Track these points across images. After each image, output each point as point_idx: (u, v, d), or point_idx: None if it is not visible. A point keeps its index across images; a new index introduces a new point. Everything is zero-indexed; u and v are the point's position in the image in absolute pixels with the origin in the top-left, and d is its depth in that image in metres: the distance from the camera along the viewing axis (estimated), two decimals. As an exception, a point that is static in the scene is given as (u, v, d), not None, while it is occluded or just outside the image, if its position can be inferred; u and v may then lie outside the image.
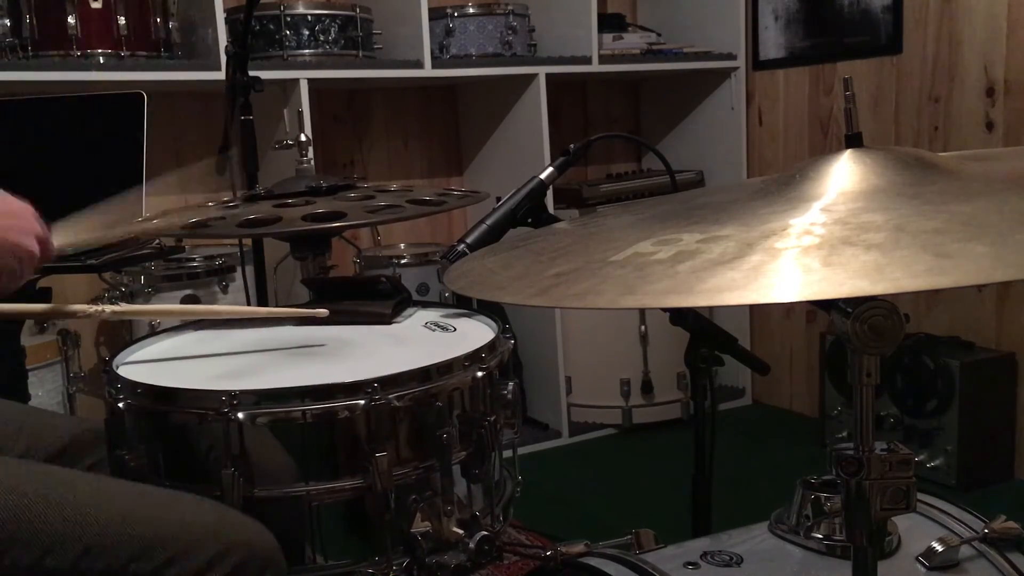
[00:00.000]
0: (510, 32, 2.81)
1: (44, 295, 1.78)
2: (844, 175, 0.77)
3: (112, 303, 2.11)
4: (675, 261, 0.68)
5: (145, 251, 1.88)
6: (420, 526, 1.04)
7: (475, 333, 1.23)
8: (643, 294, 0.66)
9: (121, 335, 2.47)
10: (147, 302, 2.37)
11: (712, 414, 1.25)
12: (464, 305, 1.48)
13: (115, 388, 1.09)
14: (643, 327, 2.96)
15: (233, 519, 0.94)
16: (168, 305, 2.28)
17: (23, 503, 0.86)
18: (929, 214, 0.68)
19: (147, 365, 1.19)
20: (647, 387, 3.00)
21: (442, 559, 1.04)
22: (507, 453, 1.21)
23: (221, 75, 2.19)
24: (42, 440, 1.13)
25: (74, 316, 1.24)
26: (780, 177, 0.83)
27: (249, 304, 2.29)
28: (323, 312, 1.26)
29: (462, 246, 1.24)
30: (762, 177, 0.98)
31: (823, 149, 2.92)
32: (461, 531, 1.07)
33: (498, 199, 1.32)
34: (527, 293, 0.74)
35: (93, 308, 1.08)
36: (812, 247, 0.65)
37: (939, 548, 0.97)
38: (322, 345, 1.23)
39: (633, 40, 3.08)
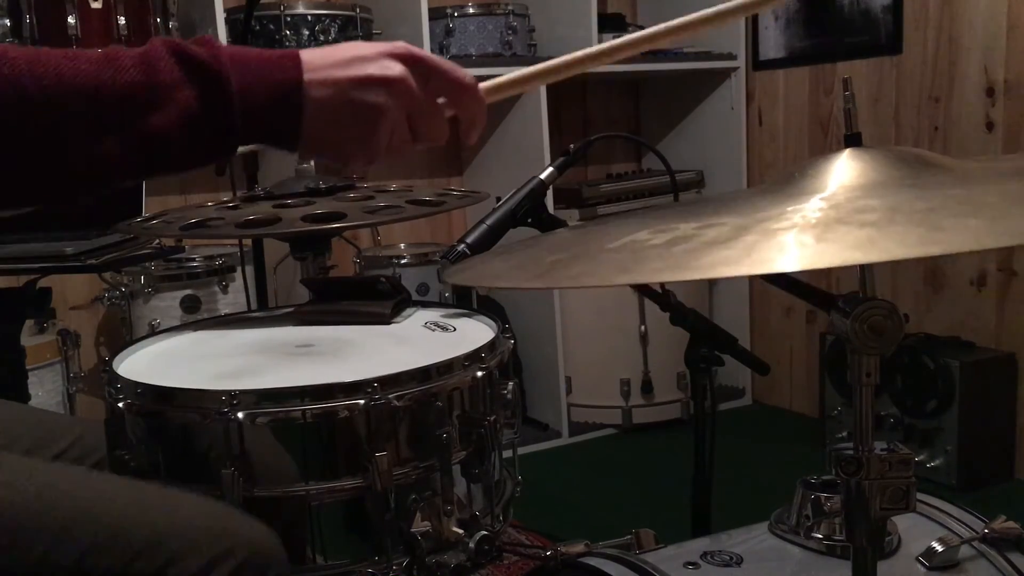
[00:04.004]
0: (510, 32, 2.81)
1: (44, 295, 1.77)
2: (844, 174, 0.77)
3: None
4: (671, 245, 0.68)
5: (145, 251, 1.88)
6: (420, 526, 1.04)
7: (475, 333, 1.23)
8: (637, 272, 0.65)
9: (121, 335, 2.47)
10: (147, 302, 2.37)
11: (712, 414, 1.25)
12: (464, 305, 1.48)
13: (115, 388, 1.08)
14: (643, 327, 2.96)
15: (236, 519, 0.94)
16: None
17: (27, 500, 0.85)
18: (925, 198, 0.67)
19: (147, 365, 1.19)
20: (647, 387, 2.99)
21: (442, 559, 1.04)
22: (507, 453, 1.21)
23: (221, 75, 2.19)
24: (46, 440, 1.13)
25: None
26: (780, 176, 0.83)
27: (248, 304, 2.29)
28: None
29: (462, 246, 1.24)
30: (762, 185, 0.98)
31: (823, 149, 2.92)
32: (461, 531, 1.07)
33: (498, 199, 1.32)
34: (524, 277, 0.74)
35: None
36: (807, 226, 0.65)
37: (939, 548, 0.97)
38: (322, 345, 1.23)
39: (633, 40, 3.07)
